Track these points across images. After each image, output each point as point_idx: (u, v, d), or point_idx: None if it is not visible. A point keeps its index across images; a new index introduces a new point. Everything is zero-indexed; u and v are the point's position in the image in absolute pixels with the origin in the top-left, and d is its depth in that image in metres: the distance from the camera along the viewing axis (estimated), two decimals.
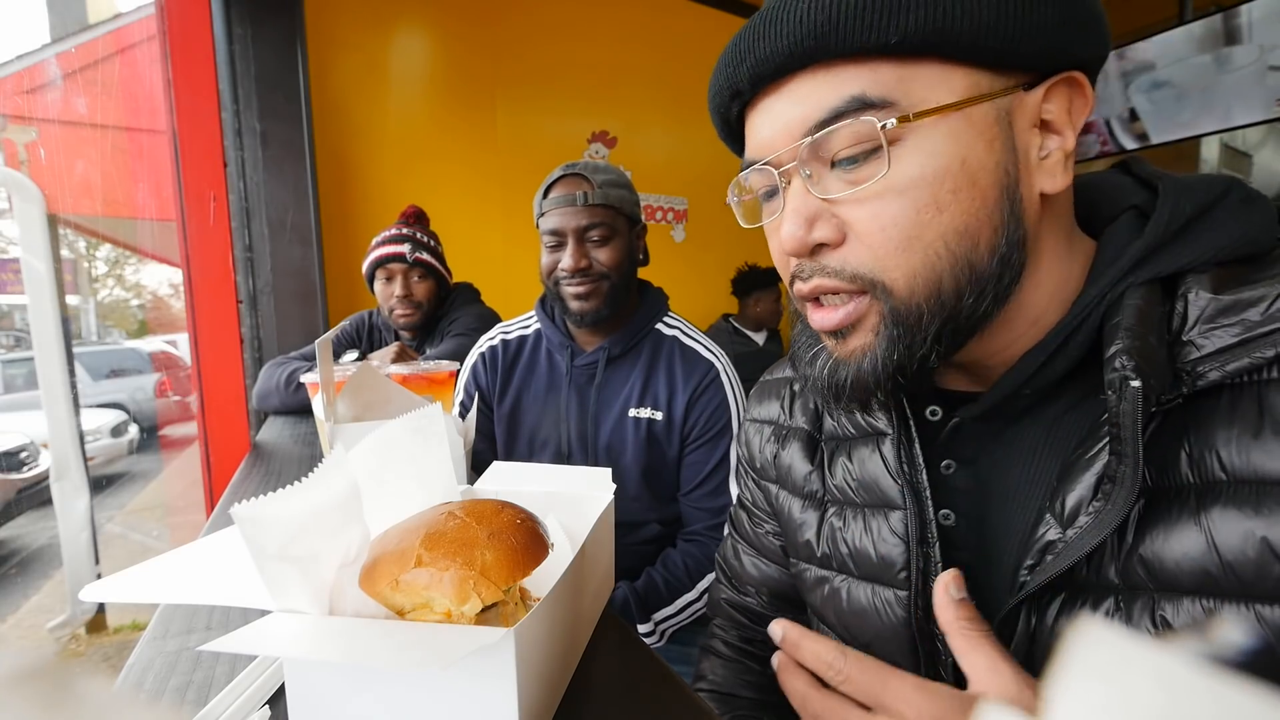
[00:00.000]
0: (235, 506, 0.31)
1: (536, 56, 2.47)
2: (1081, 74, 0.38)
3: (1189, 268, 0.37)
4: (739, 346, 2.70)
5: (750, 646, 0.66)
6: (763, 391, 0.64)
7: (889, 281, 0.38)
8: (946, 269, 0.37)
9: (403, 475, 0.46)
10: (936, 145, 0.36)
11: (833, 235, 0.39)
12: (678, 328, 1.11)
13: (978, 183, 0.36)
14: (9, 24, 3.17)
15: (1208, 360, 0.33)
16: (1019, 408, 0.43)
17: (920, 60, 0.35)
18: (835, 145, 0.37)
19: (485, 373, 1.16)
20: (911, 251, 0.37)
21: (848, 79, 0.36)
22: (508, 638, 0.32)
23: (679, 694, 0.43)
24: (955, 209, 0.36)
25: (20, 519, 3.48)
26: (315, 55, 1.96)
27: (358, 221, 2.12)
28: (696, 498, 1.06)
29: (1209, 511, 0.32)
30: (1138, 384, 0.33)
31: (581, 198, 0.99)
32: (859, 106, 0.36)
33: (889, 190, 0.36)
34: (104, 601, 0.43)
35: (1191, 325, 0.35)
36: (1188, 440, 0.34)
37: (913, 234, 0.37)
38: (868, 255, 0.38)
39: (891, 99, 0.36)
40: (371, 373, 0.80)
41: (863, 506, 0.49)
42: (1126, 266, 0.38)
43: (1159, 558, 0.34)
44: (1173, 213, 0.38)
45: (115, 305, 4.09)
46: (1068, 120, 0.38)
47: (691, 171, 2.91)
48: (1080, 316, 0.39)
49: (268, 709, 0.40)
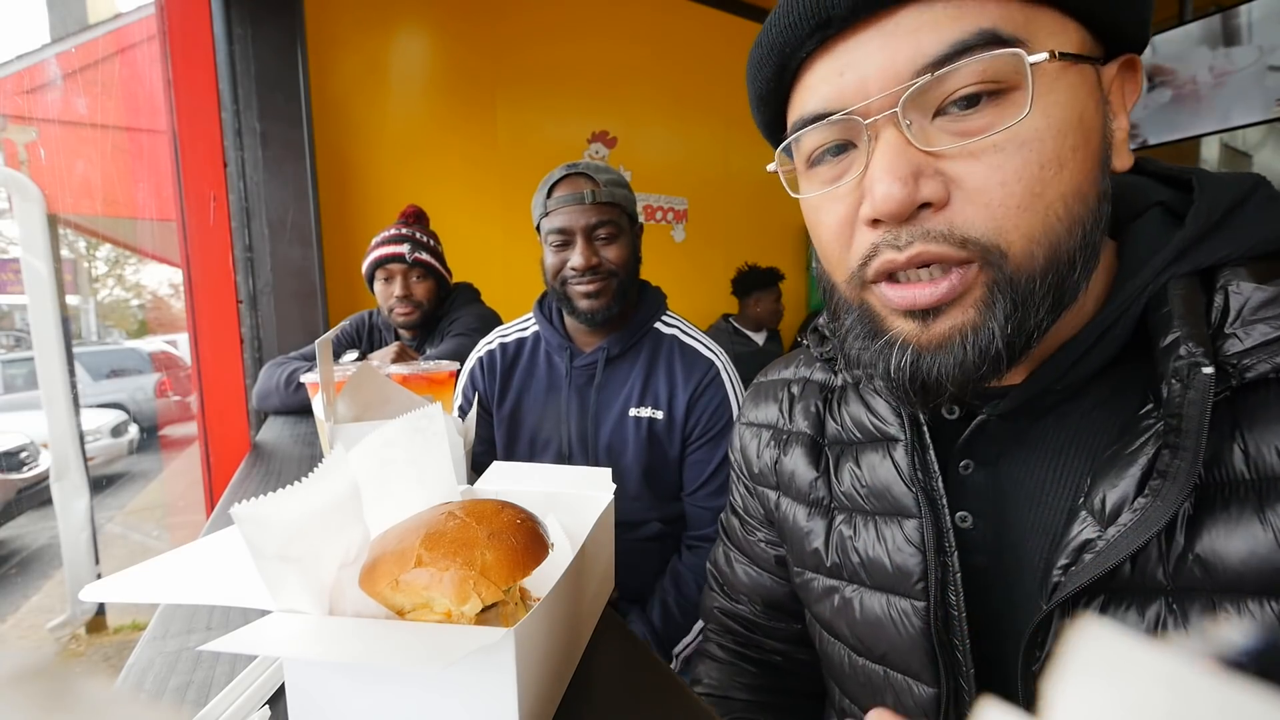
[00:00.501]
0: (235, 506, 0.31)
1: (536, 56, 2.47)
2: (1139, 57, 0.37)
3: (1226, 261, 0.35)
4: (739, 346, 2.71)
5: (745, 650, 0.64)
6: (759, 394, 0.61)
7: (1005, 245, 0.34)
8: (1064, 233, 0.34)
9: (403, 475, 0.46)
10: (1062, 96, 0.33)
11: (939, 193, 0.34)
12: (676, 326, 1.12)
13: (1090, 142, 0.35)
14: (9, 24, 3.17)
15: (1255, 353, 0.32)
16: (1046, 405, 0.41)
17: (1044, 6, 0.34)
18: (956, 84, 0.33)
19: (483, 378, 1.16)
20: (1033, 211, 0.33)
21: (973, 12, 0.33)
22: (508, 638, 0.32)
23: (679, 694, 0.43)
24: (1074, 166, 0.34)
25: (20, 519, 3.48)
26: (315, 55, 1.96)
27: (358, 221, 2.12)
28: (701, 498, 1.06)
29: (1275, 507, 0.31)
30: (1210, 370, 0.31)
31: (589, 195, 0.99)
32: (989, 41, 0.32)
33: (1012, 141, 0.33)
34: (104, 601, 0.43)
35: (1235, 318, 0.33)
36: (1240, 434, 0.32)
37: (1036, 190, 0.33)
38: (983, 215, 0.34)
39: (1022, 37, 0.33)
40: (371, 373, 0.80)
41: (873, 514, 0.47)
42: (1170, 257, 0.36)
43: (1219, 557, 0.32)
44: (1211, 205, 0.37)
45: (115, 305, 4.09)
46: (1123, 103, 0.38)
47: (691, 171, 2.91)
48: (1120, 309, 0.37)
49: (268, 709, 0.40)
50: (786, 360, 0.62)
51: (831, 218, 0.39)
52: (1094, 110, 0.35)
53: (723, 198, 3.01)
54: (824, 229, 0.40)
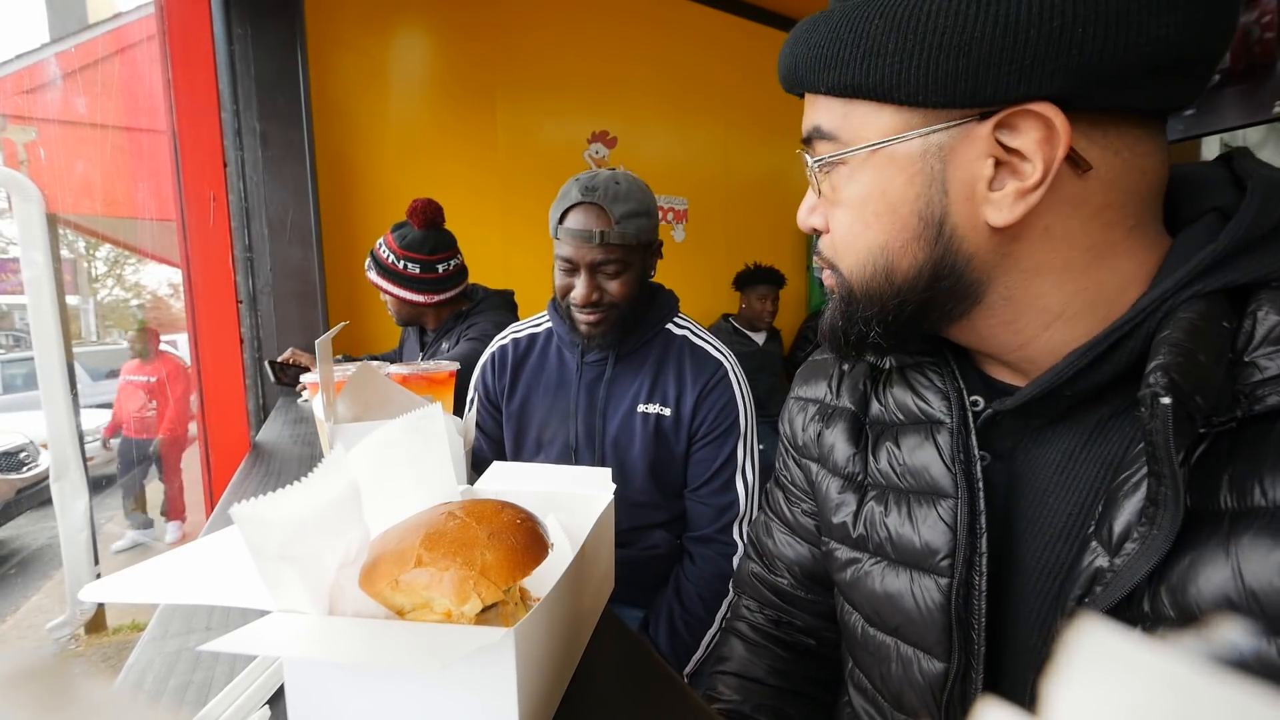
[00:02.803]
0: (235, 506, 0.31)
1: (536, 56, 2.47)
2: (1046, 105, 0.35)
3: (1266, 280, 0.34)
4: (739, 346, 2.71)
5: (776, 630, 0.66)
6: (811, 370, 0.65)
7: (840, 266, 0.47)
8: (869, 273, 0.44)
9: (403, 475, 0.46)
10: (864, 175, 0.42)
11: (820, 224, 0.48)
12: (687, 328, 1.13)
13: (898, 211, 0.42)
14: (9, 24, 3.16)
15: (1269, 385, 0.31)
16: (1059, 408, 0.42)
17: (856, 100, 0.41)
18: (810, 159, 0.46)
19: (493, 375, 1.18)
20: (851, 251, 0.45)
21: (817, 108, 0.44)
22: (508, 638, 0.32)
23: (679, 694, 0.43)
24: (877, 228, 0.43)
25: (20, 519, 3.48)
26: (315, 55, 1.96)
27: (358, 221, 2.12)
28: (704, 494, 1.07)
29: (1239, 539, 0.30)
30: (1168, 401, 0.31)
31: (599, 236, 0.98)
32: (818, 135, 0.44)
33: (835, 203, 0.45)
34: (104, 601, 0.43)
35: (1257, 346, 0.33)
36: (1233, 464, 0.32)
37: (849, 239, 0.45)
38: (830, 244, 0.47)
39: (836, 132, 0.43)
40: (371, 373, 0.80)
41: (908, 492, 0.49)
42: (1193, 272, 0.35)
43: (1183, 585, 0.32)
44: (1258, 215, 0.35)
45: (115, 305, 4.09)
46: (1036, 150, 0.36)
47: (691, 171, 2.91)
48: (1132, 323, 0.37)
49: (268, 709, 0.40)
50: None
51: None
52: (904, 183, 0.41)
53: (723, 198, 3.01)
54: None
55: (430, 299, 1.60)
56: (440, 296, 1.62)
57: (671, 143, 2.85)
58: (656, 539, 1.10)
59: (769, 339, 2.84)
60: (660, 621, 1.04)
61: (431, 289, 1.60)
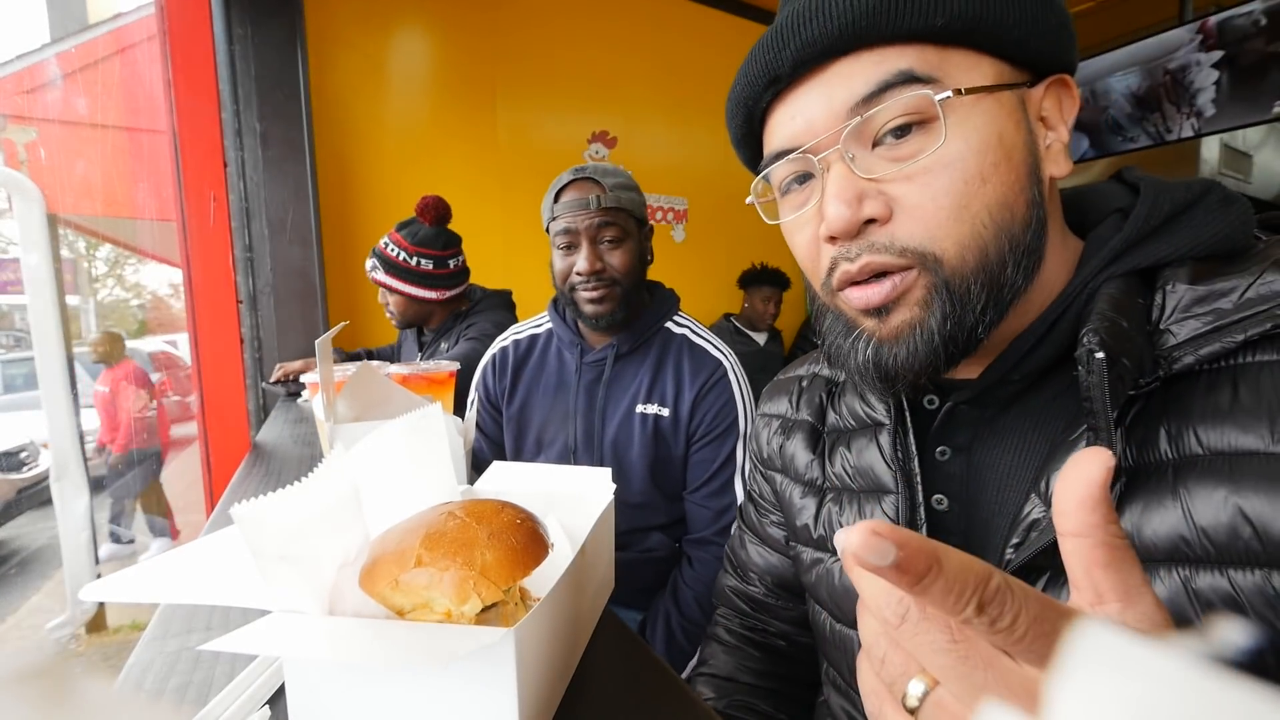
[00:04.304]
0: (235, 506, 0.31)
1: (536, 56, 2.47)
2: (1070, 76, 0.42)
3: (1166, 261, 0.39)
4: (740, 346, 2.71)
5: (751, 634, 0.69)
6: (775, 389, 0.69)
7: (939, 252, 0.39)
8: (991, 238, 0.39)
9: (403, 475, 0.46)
10: (978, 121, 0.39)
11: (881, 211, 0.40)
12: (687, 326, 1.12)
13: (1012, 158, 0.39)
14: (9, 24, 3.17)
15: (1182, 347, 0.36)
16: (1009, 395, 0.45)
17: (956, 47, 0.39)
18: (884, 119, 0.39)
19: (494, 377, 1.18)
20: (961, 221, 0.39)
21: (893, 58, 0.39)
22: (508, 638, 0.32)
23: (678, 693, 0.43)
24: (996, 181, 0.39)
25: (20, 519, 3.48)
26: (315, 55, 1.96)
27: (358, 221, 2.12)
28: (702, 496, 1.06)
29: (1185, 484, 0.34)
30: (1101, 355, 0.35)
31: (594, 201, 1.01)
32: (907, 80, 0.38)
33: (938, 163, 0.39)
34: (104, 601, 0.43)
35: (1169, 315, 0.37)
36: (1167, 420, 0.36)
37: (962, 204, 0.38)
38: (918, 228, 0.39)
39: (936, 76, 0.38)
40: (371, 373, 0.80)
41: (858, 492, 0.52)
42: (1107, 258, 0.41)
43: (1138, 530, 0.35)
44: (1150, 210, 0.41)
45: (115, 305, 4.09)
46: (1060, 117, 0.42)
47: (691, 171, 2.91)
48: (1063, 306, 0.41)
49: (268, 709, 0.40)
50: (802, 359, 0.69)
51: (802, 238, 0.46)
52: (1014, 129, 0.40)
53: (723, 198, 3.01)
54: (799, 248, 0.47)
55: (442, 295, 1.63)
56: (450, 293, 1.64)
57: (671, 143, 2.85)
58: (654, 541, 1.09)
59: (770, 339, 2.84)
60: (657, 626, 1.03)
61: (444, 285, 1.63)
